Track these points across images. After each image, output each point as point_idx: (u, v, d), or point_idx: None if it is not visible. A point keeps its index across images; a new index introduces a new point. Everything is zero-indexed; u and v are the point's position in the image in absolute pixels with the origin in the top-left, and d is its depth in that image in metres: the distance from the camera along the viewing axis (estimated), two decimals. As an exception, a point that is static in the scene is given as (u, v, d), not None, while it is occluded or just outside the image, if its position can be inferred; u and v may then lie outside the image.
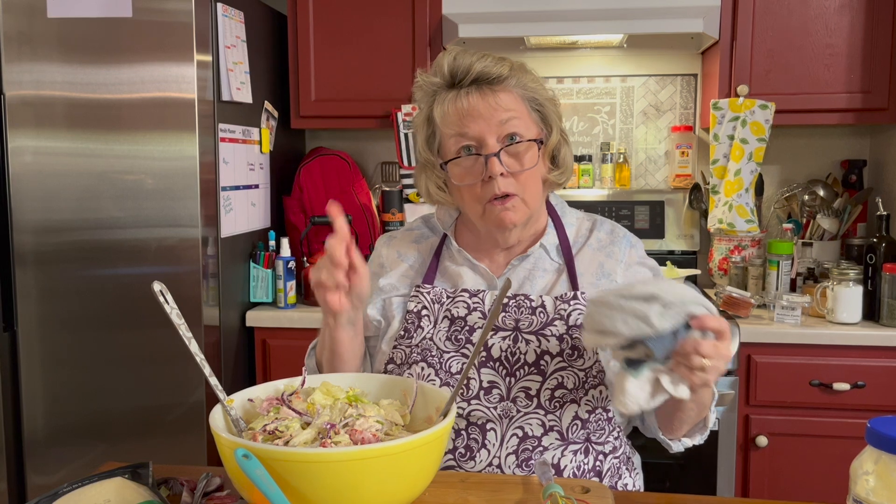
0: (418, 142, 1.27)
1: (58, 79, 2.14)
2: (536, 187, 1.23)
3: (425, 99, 1.25)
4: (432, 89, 1.23)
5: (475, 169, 1.20)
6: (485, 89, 1.19)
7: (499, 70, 1.19)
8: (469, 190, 1.21)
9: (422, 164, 1.28)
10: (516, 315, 1.22)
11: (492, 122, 1.18)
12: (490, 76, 1.19)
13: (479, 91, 1.19)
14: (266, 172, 2.55)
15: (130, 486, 0.92)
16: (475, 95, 1.18)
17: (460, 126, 1.19)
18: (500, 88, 1.19)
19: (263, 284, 2.42)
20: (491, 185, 1.18)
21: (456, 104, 1.19)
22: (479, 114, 1.18)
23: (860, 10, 2.32)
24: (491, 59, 1.20)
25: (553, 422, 1.17)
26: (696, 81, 2.79)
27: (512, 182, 1.19)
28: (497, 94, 1.19)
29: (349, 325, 1.20)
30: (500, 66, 1.20)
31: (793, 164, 2.74)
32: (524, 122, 1.20)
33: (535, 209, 1.25)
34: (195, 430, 2.19)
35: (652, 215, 2.71)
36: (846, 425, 2.12)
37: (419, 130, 1.27)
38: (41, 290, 2.20)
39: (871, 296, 2.20)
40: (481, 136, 1.18)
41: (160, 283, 0.98)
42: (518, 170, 1.19)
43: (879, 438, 0.74)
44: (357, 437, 0.92)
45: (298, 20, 2.56)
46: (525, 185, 1.20)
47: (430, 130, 1.25)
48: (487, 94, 1.18)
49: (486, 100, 1.18)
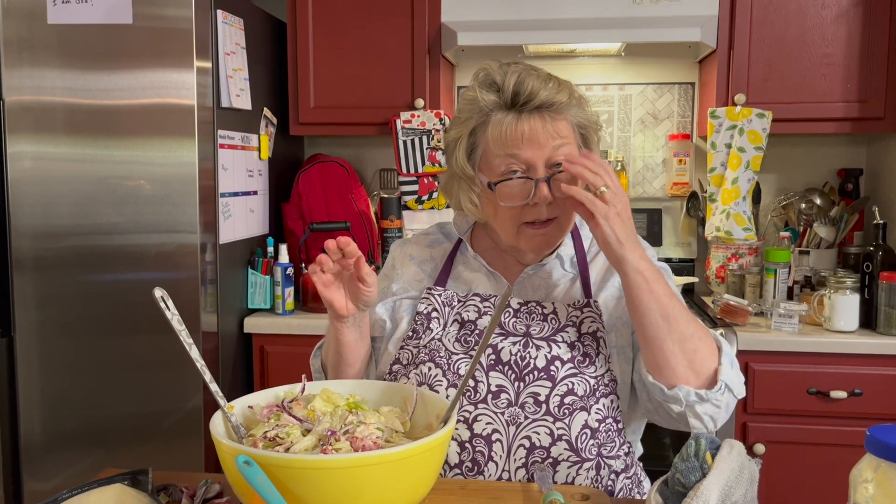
0: (457, 153, 1.23)
1: (58, 85, 2.14)
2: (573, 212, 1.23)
3: (475, 113, 1.21)
4: (487, 107, 1.20)
5: (522, 192, 1.18)
6: (545, 116, 1.18)
7: (560, 98, 1.18)
8: (509, 211, 1.20)
9: (456, 176, 1.25)
10: (527, 321, 1.22)
11: (545, 149, 1.17)
12: (552, 104, 1.18)
13: (541, 117, 1.18)
14: (265, 179, 2.55)
15: (130, 493, 0.92)
16: (537, 121, 1.17)
17: (514, 148, 1.17)
18: (561, 117, 1.19)
19: (262, 291, 2.42)
20: (535, 210, 1.18)
21: (517, 127, 1.17)
22: (536, 140, 1.17)
23: (857, 20, 2.33)
24: (553, 85, 1.19)
25: (562, 430, 1.14)
26: (694, 90, 2.80)
27: (554, 207, 1.19)
28: (556, 122, 1.18)
29: (355, 328, 1.21)
30: (561, 93, 1.19)
31: (790, 173, 2.75)
32: (571, 148, 1.20)
33: (568, 230, 1.25)
34: (193, 436, 2.18)
35: (649, 223, 2.71)
36: (843, 433, 2.12)
37: (459, 142, 1.23)
38: (39, 295, 2.20)
39: (867, 304, 2.20)
40: (533, 162, 1.17)
41: (161, 290, 0.98)
42: (560, 196, 1.17)
43: (879, 446, 0.75)
44: (357, 444, 0.92)
45: (298, 27, 2.56)
46: (565, 209, 1.20)
47: (471, 143, 1.23)
48: (548, 120, 1.17)
49: (546, 127, 1.17)
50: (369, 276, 1.15)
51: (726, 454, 0.89)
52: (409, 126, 2.54)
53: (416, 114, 2.53)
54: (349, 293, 1.18)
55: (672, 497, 0.89)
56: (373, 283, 1.16)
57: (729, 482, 0.86)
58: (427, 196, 2.62)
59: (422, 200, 2.63)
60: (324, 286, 1.16)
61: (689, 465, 0.88)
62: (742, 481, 0.87)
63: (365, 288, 1.16)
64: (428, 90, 2.53)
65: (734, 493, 0.86)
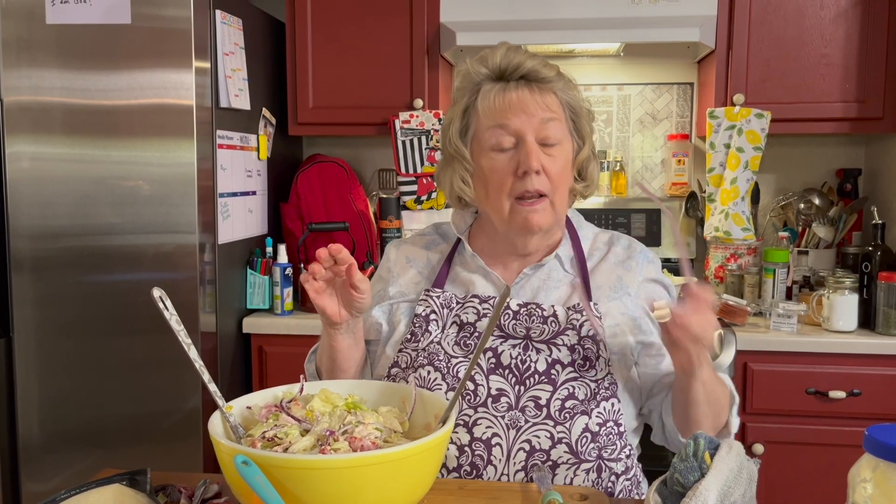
0: (450, 132, 1.25)
1: (56, 85, 2.14)
2: (565, 192, 1.23)
3: (467, 90, 1.23)
4: (477, 79, 1.22)
5: (510, 164, 1.19)
6: (532, 86, 1.19)
7: (547, 72, 1.20)
8: (500, 185, 1.19)
9: (448, 157, 1.26)
10: (527, 324, 1.20)
11: (534, 119, 1.18)
12: (539, 75, 1.20)
13: (528, 87, 1.19)
14: (264, 179, 2.55)
15: (128, 493, 0.92)
16: (524, 90, 1.19)
17: (503, 117, 1.18)
18: (547, 89, 1.20)
19: (260, 291, 2.42)
20: (524, 181, 1.17)
21: (504, 96, 1.19)
22: (523, 108, 1.18)
23: (855, 20, 2.34)
24: (540, 61, 1.21)
25: (562, 434, 1.14)
26: (693, 90, 2.80)
27: (545, 181, 1.18)
28: (544, 94, 1.19)
29: (348, 334, 1.20)
30: (549, 68, 1.21)
31: (788, 173, 2.75)
32: (561, 127, 1.21)
33: (561, 215, 1.25)
34: (191, 436, 2.18)
35: (648, 223, 2.71)
36: (842, 433, 2.12)
37: (452, 122, 1.25)
38: (38, 295, 2.19)
39: (866, 304, 2.20)
40: (521, 131, 1.18)
41: (160, 290, 0.98)
42: (551, 171, 1.18)
43: (878, 446, 0.75)
44: (356, 444, 0.92)
45: (297, 28, 2.56)
46: (556, 187, 1.20)
47: (464, 123, 1.24)
48: (535, 91, 1.19)
49: (534, 96, 1.19)
50: (362, 283, 1.14)
51: (725, 454, 0.89)
52: (407, 126, 2.54)
53: (414, 114, 2.53)
54: (342, 300, 1.17)
55: (671, 497, 0.89)
56: (365, 290, 1.15)
57: (728, 482, 0.86)
58: (426, 196, 2.62)
59: (420, 200, 2.63)
60: (316, 293, 1.15)
61: (688, 465, 0.88)
62: (741, 481, 0.87)
63: (357, 295, 1.14)
64: (427, 90, 2.53)
65: (733, 492, 0.86)
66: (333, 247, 1.12)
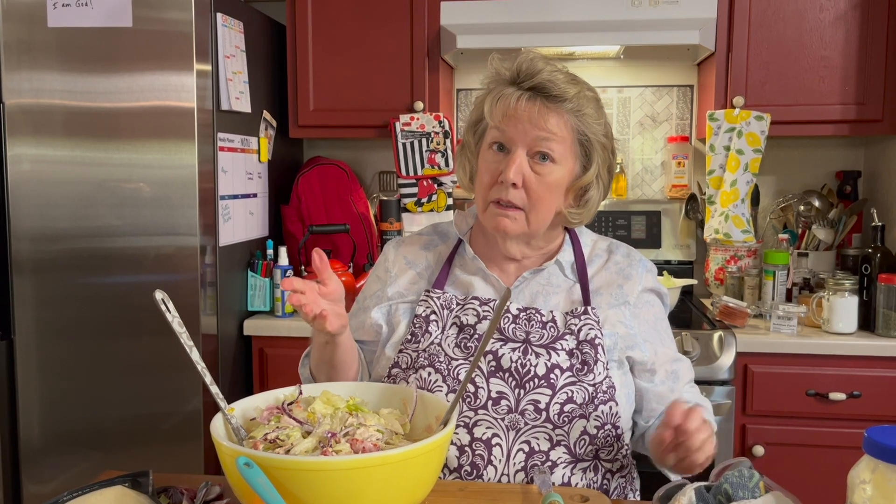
0: (469, 121, 1.29)
1: (57, 87, 2.15)
2: (546, 212, 1.21)
3: (490, 85, 1.24)
4: (497, 78, 1.23)
5: (498, 167, 1.20)
6: (538, 101, 1.18)
7: (562, 89, 1.17)
8: (484, 184, 1.23)
9: (462, 146, 1.31)
10: (527, 328, 1.21)
11: (529, 134, 1.18)
12: (550, 91, 1.17)
13: (536, 99, 1.18)
14: (264, 181, 2.55)
15: (130, 495, 0.92)
16: (530, 102, 1.18)
17: (502, 122, 1.19)
18: (554, 108, 1.18)
19: (261, 293, 2.42)
20: (501, 188, 1.19)
21: (509, 101, 1.19)
22: (519, 120, 1.18)
23: (855, 22, 2.34)
24: (563, 76, 1.19)
25: (561, 436, 1.16)
26: (693, 92, 2.80)
27: (522, 196, 1.19)
28: (549, 111, 1.17)
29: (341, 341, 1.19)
30: (567, 86, 1.18)
31: (788, 175, 2.76)
32: (563, 149, 1.19)
33: (536, 231, 1.24)
34: (193, 438, 2.18)
35: (648, 225, 2.72)
36: (842, 435, 2.12)
37: (473, 111, 1.28)
38: (38, 297, 2.20)
39: (866, 306, 2.21)
40: (513, 141, 1.19)
41: (162, 292, 0.98)
42: (533, 188, 1.18)
43: (877, 448, 0.75)
44: (357, 445, 0.92)
45: (297, 30, 2.57)
46: (535, 205, 1.20)
47: (480, 114, 1.25)
48: (541, 106, 1.17)
49: (538, 111, 1.17)
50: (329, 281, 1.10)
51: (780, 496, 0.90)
52: (408, 129, 2.55)
53: (415, 116, 2.53)
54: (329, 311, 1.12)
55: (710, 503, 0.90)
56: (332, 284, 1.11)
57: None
58: (426, 198, 2.63)
59: (421, 203, 2.63)
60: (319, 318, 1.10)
61: (742, 483, 0.89)
62: None
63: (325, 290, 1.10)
64: (427, 93, 2.54)
65: None
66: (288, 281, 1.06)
